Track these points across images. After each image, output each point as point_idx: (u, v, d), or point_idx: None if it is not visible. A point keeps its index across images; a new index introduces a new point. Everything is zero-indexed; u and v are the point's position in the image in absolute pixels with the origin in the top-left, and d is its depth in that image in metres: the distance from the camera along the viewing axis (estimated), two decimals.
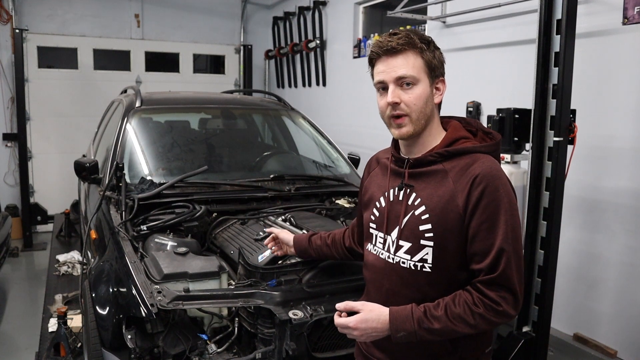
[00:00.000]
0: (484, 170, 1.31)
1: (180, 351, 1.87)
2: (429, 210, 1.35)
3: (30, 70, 6.21)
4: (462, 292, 1.32)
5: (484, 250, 1.30)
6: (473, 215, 1.31)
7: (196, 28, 7.21)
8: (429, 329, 1.30)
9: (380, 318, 1.34)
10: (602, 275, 3.22)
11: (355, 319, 1.34)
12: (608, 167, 3.15)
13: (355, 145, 4.68)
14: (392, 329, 1.32)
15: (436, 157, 1.38)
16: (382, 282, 1.46)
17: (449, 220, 1.33)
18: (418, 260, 1.38)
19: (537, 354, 2.69)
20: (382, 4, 5.52)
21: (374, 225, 1.51)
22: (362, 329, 1.34)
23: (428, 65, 1.36)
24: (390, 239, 1.44)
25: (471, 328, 1.30)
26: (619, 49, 3.05)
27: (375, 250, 1.50)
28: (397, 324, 1.32)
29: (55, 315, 3.43)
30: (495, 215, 1.30)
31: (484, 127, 1.48)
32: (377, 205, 1.50)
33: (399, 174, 1.45)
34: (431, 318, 1.30)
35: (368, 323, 1.34)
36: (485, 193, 1.30)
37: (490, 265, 1.29)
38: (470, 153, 1.37)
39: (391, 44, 1.34)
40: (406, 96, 1.35)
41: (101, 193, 2.80)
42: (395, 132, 1.40)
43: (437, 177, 1.37)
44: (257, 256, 2.19)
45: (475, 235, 1.31)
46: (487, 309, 1.29)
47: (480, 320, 1.29)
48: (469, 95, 3.90)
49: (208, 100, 3.95)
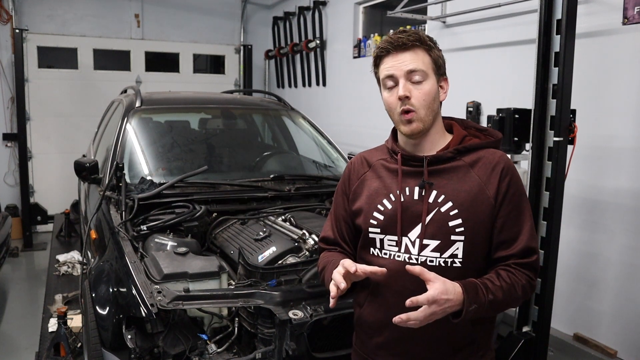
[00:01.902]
0: (507, 163, 1.41)
1: (180, 351, 1.87)
2: (457, 205, 1.37)
3: (30, 70, 6.21)
4: (500, 270, 1.37)
5: (513, 236, 1.37)
6: (502, 205, 1.38)
7: (196, 28, 7.21)
8: (493, 301, 1.31)
9: (455, 289, 1.26)
10: (602, 275, 3.22)
11: (437, 289, 1.22)
12: (608, 167, 3.15)
13: (355, 145, 4.68)
14: (467, 302, 1.26)
15: (455, 153, 1.41)
16: (404, 285, 1.38)
17: (479, 212, 1.36)
18: (448, 257, 1.37)
19: (537, 354, 2.68)
20: (382, 4, 5.51)
21: (377, 229, 1.45)
22: (442, 302, 1.22)
23: (435, 62, 1.39)
24: (408, 240, 1.40)
25: (516, 301, 1.38)
26: (619, 49, 3.05)
27: (387, 254, 1.44)
28: (471, 297, 1.27)
29: (55, 315, 3.43)
30: (520, 203, 1.39)
31: (475, 124, 1.53)
32: (381, 209, 1.44)
33: (412, 173, 1.43)
34: (494, 290, 1.32)
35: (448, 294, 1.23)
36: (511, 183, 1.39)
37: (522, 250, 1.36)
38: (483, 148, 1.43)
39: (402, 40, 1.37)
40: (416, 92, 1.36)
41: (101, 193, 2.80)
42: (405, 129, 1.39)
43: (459, 173, 1.39)
44: (257, 256, 2.19)
45: (504, 223, 1.38)
46: (526, 283, 1.36)
47: (522, 292, 1.36)
48: (469, 95, 3.90)
49: (208, 100, 3.95)
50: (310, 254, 2.24)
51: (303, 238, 2.30)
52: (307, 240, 2.28)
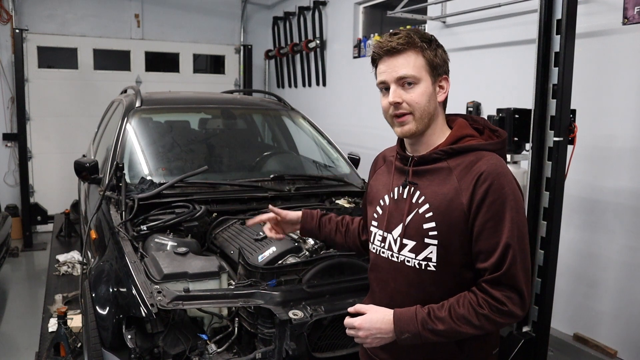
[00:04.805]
0: (489, 168, 1.30)
1: (180, 351, 1.87)
2: (432, 208, 1.35)
3: (30, 70, 6.21)
4: (467, 293, 1.32)
5: (489, 248, 1.29)
6: (478, 213, 1.30)
7: (196, 28, 7.21)
8: (433, 330, 1.29)
9: (385, 318, 1.34)
10: (602, 275, 3.22)
11: (360, 319, 1.36)
12: (608, 167, 3.15)
13: (355, 145, 4.68)
14: (397, 330, 1.32)
15: (440, 154, 1.38)
16: (388, 282, 1.45)
17: (453, 218, 1.32)
18: (422, 259, 1.37)
19: (537, 354, 2.68)
20: (382, 4, 5.51)
21: (375, 223, 1.51)
22: (367, 329, 1.34)
23: (429, 64, 1.36)
24: (392, 237, 1.43)
25: (476, 329, 1.29)
26: (619, 49, 3.05)
27: (374, 249, 1.50)
28: (401, 325, 1.31)
29: (55, 315, 3.43)
30: (501, 213, 1.28)
31: (491, 125, 1.46)
32: (381, 203, 1.50)
33: (403, 172, 1.45)
34: (435, 319, 1.29)
35: (372, 323, 1.34)
36: (490, 191, 1.29)
37: (495, 263, 1.28)
38: (475, 151, 1.36)
39: (391, 44, 1.35)
40: (408, 95, 1.35)
41: (101, 193, 2.80)
42: (397, 130, 1.40)
43: (441, 175, 1.37)
44: (257, 256, 2.19)
45: (480, 233, 1.30)
46: (492, 310, 1.27)
47: (485, 321, 1.28)
48: (469, 95, 3.90)
49: (208, 100, 3.95)
50: (310, 254, 2.24)
51: (303, 238, 2.30)
52: (307, 241, 2.28)
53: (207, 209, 2.63)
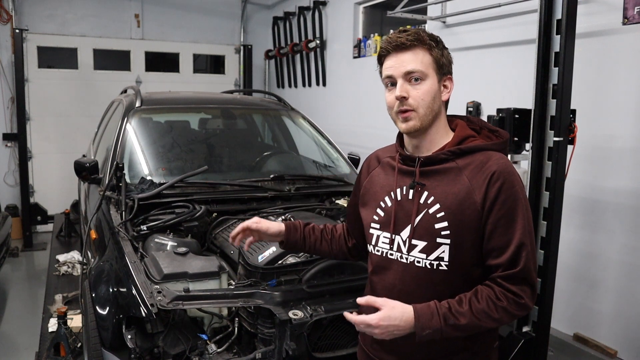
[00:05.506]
0: (500, 167, 1.34)
1: (180, 351, 1.87)
2: (444, 208, 1.36)
3: (30, 70, 6.21)
4: (483, 288, 1.33)
5: (503, 245, 1.32)
6: (491, 212, 1.33)
7: (196, 28, 7.21)
8: (455, 325, 1.29)
9: (404, 316, 1.30)
10: (602, 275, 3.22)
11: (378, 317, 1.29)
12: (608, 167, 3.15)
13: (355, 145, 4.68)
14: (418, 327, 1.29)
15: (449, 155, 1.39)
16: (394, 283, 1.43)
17: (465, 217, 1.34)
18: (434, 259, 1.37)
19: (537, 354, 2.68)
20: (382, 4, 5.51)
21: (377, 225, 1.49)
22: (384, 327, 1.29)
23: (436, 62, 1.38)
24: (400, 238, 1.42)
25: (494, 322, 1.32)
26: (619, 49, 3.05)
27: (379, 251, 1.48)
28: (422, 322, 1.29)
29: (55, 315, 3.43)
30: (513, 210, 1.32)
31: (489, 125, 1.49)
32: (382, 205, 1.48)
33: (409, 173, 1.44)
34: (457, 314, 1.30)
35: (391, 321, 1.29)
36: (502, 189, 1.32)
37: (510, 260, 1.31)
38: (482, 150, 1.39)
39: (401, 40, 1.37)
40: (414, 91, 1.36)
41: (101, 193, 2.80)
42: (402, 126, 1.40)
43: (450, 175, 1.38)
44: (257, 256, 2.19)
45: (493, 230, 1.33)
46: (510, 303, 1.31)
47: (504, 314, 1.31)
48: (469, 95, 3.90)
49: (208, 100, 3.95)
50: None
51: None
52: None
53: (207, 209, 2.63)
